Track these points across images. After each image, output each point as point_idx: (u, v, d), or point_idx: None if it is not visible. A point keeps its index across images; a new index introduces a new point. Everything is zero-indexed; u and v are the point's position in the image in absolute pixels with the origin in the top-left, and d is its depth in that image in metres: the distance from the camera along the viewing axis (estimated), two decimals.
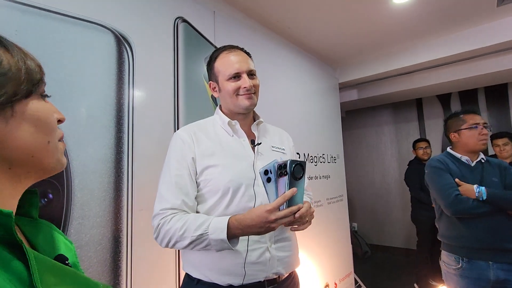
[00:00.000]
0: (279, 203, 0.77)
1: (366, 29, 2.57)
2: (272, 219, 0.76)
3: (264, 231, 0.79)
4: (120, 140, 1.25)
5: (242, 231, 0.80)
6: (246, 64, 0.98)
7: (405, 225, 4.11)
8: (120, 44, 1.29)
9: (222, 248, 0.81)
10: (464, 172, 1.52)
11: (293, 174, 0.78)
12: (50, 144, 0.42)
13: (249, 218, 0.78)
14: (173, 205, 0.86)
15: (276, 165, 0.78)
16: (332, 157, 2.93)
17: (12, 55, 0.39)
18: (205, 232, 0.80)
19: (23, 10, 1.01)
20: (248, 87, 0.95)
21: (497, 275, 1.38)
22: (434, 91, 3.87)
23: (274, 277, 0.92)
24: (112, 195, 1.20)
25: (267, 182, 0.80)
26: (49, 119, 0.42)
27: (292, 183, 0.78)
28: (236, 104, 0.97)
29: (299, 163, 0.79)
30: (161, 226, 0.85)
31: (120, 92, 1.27)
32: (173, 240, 0.83)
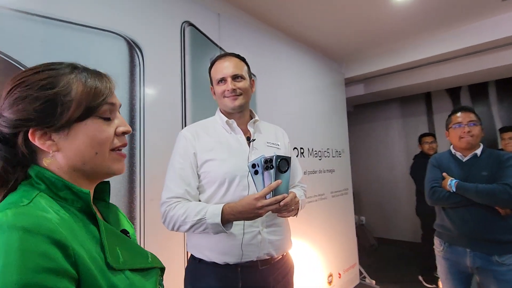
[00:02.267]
0: (266, 192, 0.88)
1: (372, 24, 2.59)
2: (259, 205, 0.88)
3: (253, 217, 0.91)
4: (132, 137, 1.38)
5: (234, 216, 0.91)
6: (231, 68, 1.09)
7: (412, 219, 4.13)
8: (131, 49, 1.41)
9: (217, 231, 0.93)
10: (453, 167, 1.64)
11: (278, 167, 0.89)
12: (97, 154, 0.53)
13: (240, 205, 0.90)
14: (177, 194, 0.99)
15: (262, 159, 0.89)
16: (337, 152, 3.00)
17: (82, 85, 0.51)
18: (203, 217, 0.92)
19: (47, 23, 1.15)
20: (230, 90, 1.07)
21: (474, 262, 1.50)
22: (443, 84, 3.85)
23: (267, 258, 1.03)
24: (127, 187, 1.34)
25: (254, 174, 0.92)
26: (97, 136, 0.52)
27: (278, 176, 0.89)
28: (224, 104, 1.11)
29: (284, 158, 0.91)
30: (167, 213, 0.98)
31: (132, 93, 1.40)
32: (177, 224, 0.96)
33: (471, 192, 1.49)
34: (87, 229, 0.49)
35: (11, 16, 1.07)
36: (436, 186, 1.63)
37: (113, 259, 0.48)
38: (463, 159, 1.64)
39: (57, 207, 0.47)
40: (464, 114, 1.64)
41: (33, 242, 0.38)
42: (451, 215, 1.60)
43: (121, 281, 0.47)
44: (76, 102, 0.50)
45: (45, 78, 0.49)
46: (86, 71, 0.54)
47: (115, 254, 0.50)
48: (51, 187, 0.49)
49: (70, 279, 0.40)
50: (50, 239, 0.40)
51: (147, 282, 0.54)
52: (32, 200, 0.45)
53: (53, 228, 0.41)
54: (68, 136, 0.50)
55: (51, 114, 0.48)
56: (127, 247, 0.54)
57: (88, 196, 0.51)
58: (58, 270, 0.39)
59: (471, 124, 1.59)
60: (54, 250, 0.40)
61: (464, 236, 1.54)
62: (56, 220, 0.43)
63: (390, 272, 3.43)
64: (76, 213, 0.50)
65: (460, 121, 1.63)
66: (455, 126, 1.65)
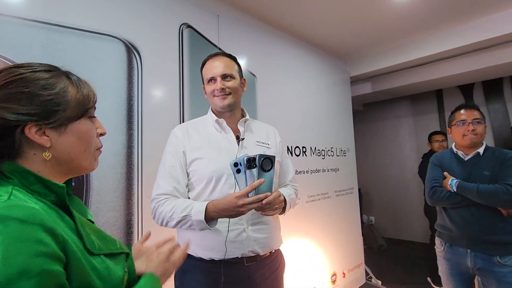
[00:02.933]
0: (247, 191, 0.89)
1: (377, 20, 2.54)
2: (240, 204, 0.89)
3: (235, 214, 0.93)
4: (131, 137, 1.44)
5: (217, 214, 0.93)
6: (220, 68, 1.11)
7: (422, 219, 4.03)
8: (129, 52, 1.46)
9: (202, 228, 0.95)
10: (454, 166, 1.60)
11: (261, 166, 0.90)
12: (85, 151, 0.59)
13: (222, 203, 0.92)
14: (166, 191, 1.02)
15: (245, 158, 0.90)
16: (342, 151, 2.97)
17: (76, 89, 0.57)
18: (188, 214, 0.95)
19: (47, 28, 1.21)
20: (219, 89, 1.09)
21: (475, 263, 1.46)
22: (455, 81, 3.73)
23: (252, 255, 1.05)
24: (124, 184, 1.40)
25: (236, 173, 0.93)
26: (87, 135, 0.59)
27: (261, 175, 0.90)
28: (213, 103, 1.13)
29: (268, 157, 0.91)
30: (156, 209, 1.02)
31: (130, 94, 1.45)
32: (165, 220, 1.00)
33: (472, 192, 1.46)
34: (63, 219, 0.53)
35: (12, 23, 1.14)
36: (437, 185, 1.60)
37: (91, 245, 0.53)
38: (465, 158, 1.59)
39: (33, 199, 0.50)
40: (469, 111, 1.60)
41: (29, 231, 0.43)
42: (452, 215, 1.57)
43: (99, 264, 0.53)
44: (73, 104, 0.56)
45: (45, 78, 0.54)
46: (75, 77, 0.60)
47: (92, 241, 0.54)
48: (22, 181, 0.52)
49: (60, 262, 0.46)
50: (43, 227, 0.45)
51: (117, 266, 0.58)
52: (11, 194, 0.48)
53: (44, 217, 0.46)
54: (64, 133, 0.55)
55: (52, 112, 0.53)
56: (98, 234, 0.59)
57: (63, 190, 0.55)
58: (52, 255, 0.44)
59: (475, 122, 1.55)
60: (47, 237, 0.44)
61: (465, 237, 1.51)
62: (42, 210, 0.48)
63: (398, 273, 3.37)
64: (50, 205, 0.53)
65: (464, 118, 1.58)
66: (458, 124, 1.60)
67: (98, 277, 0.51)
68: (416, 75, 3.50)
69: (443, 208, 1.62)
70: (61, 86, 0.55)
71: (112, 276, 0.55)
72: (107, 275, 0.53)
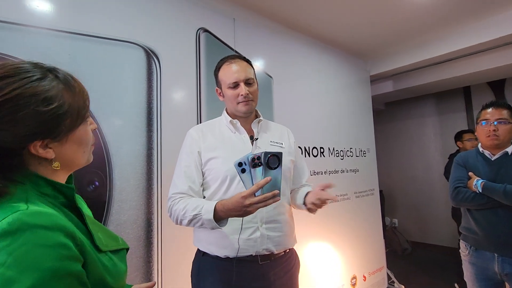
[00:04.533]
0: (253, 190, 0.86)
1: (396, 17, 2.47)
2: (246, 203, 0.87)
3: (242, 214, 0.91)
4: (150, 138, 1.50)
5: (226, 214, 0.93)
6: (243, 73, 1.11)
7: (449, 222, 3.84)
8: (149, 57, 1.53)
9: (212, 227, 0.95)
10: (480, 166, 1.53)
11: (267, 164, 0.87)
12: (84, 152, 0.62)
13: (230, 203, 0.91)
14: (181, 190, 1.06)
15: (250, 157, 0.87)
16: (362, 151, 2.91)
17: (69, 93, 0.56)
18: (199, 213, 0.96)
19: (73, 38, 1.30)
20: (245, 95, 1.09)
21: (502, 268, 1.38)
22: (484, 77, 3.53)
23: (266, 253, 1.06)
24: (145, 184, 1.46)
25: (241, 172, 0.90)
26: (86, 139, 0.61)
27: (267, 173, 0.87)
28: (236, 109, 1.14)
29: (274, 155, 0.88)
30: (171, 207, 1.05)
31: (150, 98, 1.51)
32: (179, 219, 1.02)
33: (498, 193, 1.39)
34: (72, 220, 0.56)
35: (41, 33, 1.23)
36: (461, 186, 1.54)
37: (100, 243, 0.56)
38: (491, 157, 1.52)
39: (45, 203, 0.53)
40: (495, 110, 1.52)
41: (54, 237, 0.47)
42: (477, 217, 1.50)
43: (107, 261, 0.56)
44: (72, 114, 0.56)
45: (41, 92, 0.52)
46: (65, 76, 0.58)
47: (99, 239, 0.57)
48: (33, 185, 0.54)
49: (80, 262, 0.50)
50: (64, 232, 0.48)
51: (121, 262, 0.61)
52: (28, 201, 0.50)
53: (64, 223, 0.49)
54: (66, 142, 0.57)
55: (54, 127, 0.53)
56: (103, 232, 0.62)
57: (72, 190, 0.57)
58: (74, 257, 0.48)
59: (497, 122, 1.47)
60: (68, 241, 0.48)
61: (491, 240, 1.44)
62: (60, 215, 0.51)
63: (423, 278, 3.24)
64: (60, 207, 0.56)
65: (488, 117, 1.52)
66: (482, 123, 1.54)
67: (108, 274, 0.55)
68: (441, 72, 3.35)
69: (467, 210, 1.56)
70: (58, 97, 0.53)
71: (118, 271, 0.58)
72: (115, 271, 0.57)
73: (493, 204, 1.42)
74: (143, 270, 1.42)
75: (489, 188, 1.42)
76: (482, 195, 1.44)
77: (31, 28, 1.21)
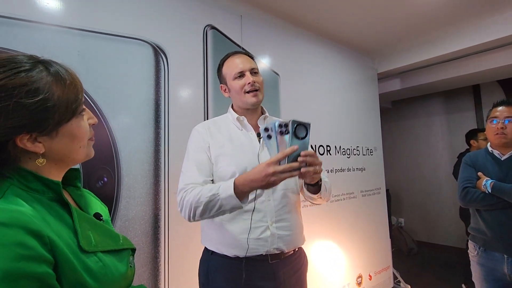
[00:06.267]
0: (278, 158, 0.81)
1: (404, 14, 2.44)
2: (270, 172, 0.80)
3: (266, 185, 0.84)
4: (158, 135, 1.51)
5: (247, 186, 0.86)
6: (248, 63, 1.11)
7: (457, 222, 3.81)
8: (157, 54, 1.53)
9: (232, 206, 0.89)
10: (489, 166, 1.51)
11: (295, 133, 0.81)
12: (81, 148, 0.59)
13: (252, 173, 0.86)
14: (194, 181, 1.01)
15: (277, 123, 0.82)
16: (368, 150, 2.89)
17: (60, 86, 0.53)
18: (216, 193, 0.90)
19: (83, 35, 1.31)
20: (252, 82, 1.08)
21: (511, 269, 1.35)
22: (494, 75, 3.46)
23: (277, 252, 1.05)
24: (152, 180, 1.47)
25: (267, 138, 0.84)
26: (80, 133, 0.58)
27: (294, 142, 0.81)
28: (244, 101, 1.11)
29: (302, 124, 0.82)
30: (183, 198, 0.99)
31: (158, 95, 1.52)
32: (193, 207, 0.94)
33: (508, 194, 1.37)
34: (60, 217, 0.53)
35: (51, 30, 1.24)
36: (470, 186, 1.52)
37: (86, 243, 0.53)
38: (501, 157, 1.50)
39: (29, 198, 0.50)
40: (505, 108, 1.50)
41: (10, 234, 0.43)
42: (486, 218, 1.48)
43: (94, 263, 0.52)
44: (61, 107, 0.53)
45: (26, 83, 0.49)
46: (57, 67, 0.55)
47: (88, 238, 0.54)
48: (21, 180, 0.52)
49: (47, 263, 0.45)
50: (25, 230, 0.44)
51: (120, 263, 0.58)
52: (3, 195, 0.48)
53: (28, 219, 0.45)
54: (56, 136, 0.54)
55: (41, 120, 0.51)
56: (99, 230, 0.58)
57: (59, 186, 0.54)
58: (36, 257, 0.44)
59: (507, 121, 1.45)
60: (30, 240, 0.44)
61: (501, 241, 1.42)
62: (30, 212, 0.47)
63: (430, 278, 3.22)
64: (48, 203, 0.53)
65: (497, 115, 1.50)
66: (491, 121, 1.52)
67: (91, 277, 0.50)
68: (450, 69, 3.30)
69: (476, 210, 1.54)
70: (45, 89, 0.51)
71: (109, 274, 0.54)
72: (102, 274, 0.52)
73: (503, 205, 1.40)
74: (150, 266, 1.43)
75: (499, 188, 1.40)
76: (492, 196, 1.42)
77: (41, 25, 1.22)
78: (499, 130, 1.45)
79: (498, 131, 1.46)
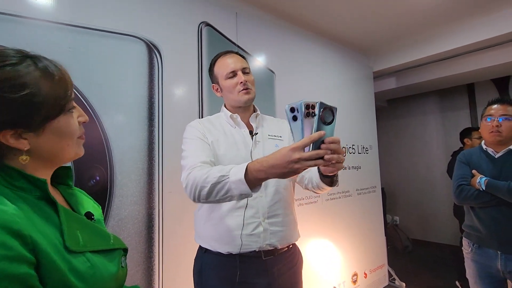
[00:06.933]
0: (305, 142, 0.72)
1: (400, 13, 2.44)
2: (295, 158, 0.72)
3: (287, 172, 0.75)
4: (152, 133, 1.49)
5: (264, 172, 0.77)
6: (239, 63, 1.11)
7: (451, 220, 3.84)
8: (150, 51, 1.51)
9: (241, 192, 0.80)
10: (483, 164, 1.52)
11: (321, 117, 0.74)
12: (69, 146, 0.57)
13: (273, 158, 0.76)
14: (202, 160, 0.96)
15: (303, 103, 0.74)
16: (364, 148, 2.90)
17: (47, 81, 0.52)
18: (226, 174, 0.81)
19: (74, 31, 1.28)
20: (244, 82, 1.09)
21: (506, 266, 1.38)
22: (488, 74, 3.49)
23: (270, 249, 1.05)
24: (146, 179, 1.45)
25: (293, 120, 0.76)
26: (68, 131, 0.56)
27: (320, 127, 0.74)
28: (236, 99, 1.11)
29: (329, 107, 0.76)
30: (189, 175, 0.91)
31: (151, 92, 1.50)
32: (198, 187, 0.86)
33: (502, 191, 1.37)
34: (46, 216, 0.51)
35: (42, 26, 1.22)
36: (464, 184, 1.53)
37: (72, 243, 0.51)
38: (495, 155, 1.51)
39: (14, 197, 0.49)
40: (500, 106, 1.51)
41: None
42: (480, 215, 1.49)
43: (81, 263, 0.50)
44: (48, 103, 0.51)
45: (12, 77, 0.48)
46: (46, 62, 0.53)
47: (75, 238, 0.52)
48: (6, 178, 0.50)
49: (29, 264, 0.44)
50: (6, 229, 0.42)
51: (110, 264, 0.56)
52: None
53: (9, 219, 0.44)
54: (43, 134, 0.52)
55: (26, 116, 0.49)
56: (88, 230, 0.57)
57: (45, 184, 0.52)
58: (16, 257, 0.42)
59: (502, 118, 1.45)
60: (11, 240, 0.42)
61: (495, 238, 1.43)
62: (12, 211, 0.45)
63: (424, 275, 3.24)
64: (35, 202, 0.51)
65: (492, 113, 1.50)
66: (487, 119, 1.52)
67: (78, 278, 0.49)
68: (445, 68, 3.32)
69: (471, 207, 1.55)
70: (32, 84, 0.49)
71: (97, 275, 0.52)
72: (89, 275, 0.51)
73: (497, 202, 1.41)
74: (144, 266, 1.41)
75: (493, 186, 1.41)
76: (486, 193, 1.43)
77: (31, 20, 1.19)
78: (494, 128, 1.45)
79: (493, 129, 1.46)
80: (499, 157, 1.49)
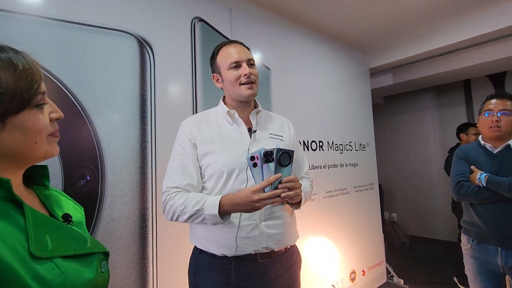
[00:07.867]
0: (263, 185, 0.85)
1: (396, 8, 2.42)
2: (255, 199, 0.85)
3: (250, 209, 0.89)
4: (144, 131, 1.45)
5: (232, 208, 0.90)
6: (245, 54, 1.06)
7: (448, 216, 3.84)
8: (142, 47, 1.47)
9: (215, 222, 0.92)
10: (482, 160, 1.50)
11: (279, 161, 0.86)
12: (37, 143, 0.52)
13: (238, 197, 0.89)
14: (178, 185, 0.99)
15: (262, 152, 0.86)
16: (361, 145, 2.88)
17: (10, 73, 0.48)
18: (201, 208, 0.91)
19: (61, 26, 1.24)
20: (248, 74, 1.03)
21: (506, 261, 1.36)
22: (485, 70, 3.50)
23: (266, 251, 1.01)
24: (138, 178, 1.41)
25: (253, 167, 0.88)
26: (34, 128, 0.51)
27: (278, 169, 0.86)
28: (238, 93, 1.05)
29: (286, 152, 0.87)
30: (166, 202, 0.98)
31: (143, 89, 1.46)
32: (176, 214, 0.96)
33: (503, 187, 1.35)
34: (10, 219, 0.47)
35: (28, 21, 1.17)
36: (463, 180, 1.51)
37: (38, 248, 0.46)
38: (493, 150, 1.49)
39: None
40: (499, 101, 1.48)
41: None
42: (480, 211, 1.47)
43: (47, 270, 0.46)
44: (9, 95, 0.47)
45: None
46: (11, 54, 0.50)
47: (42, 242, 0.48)
48: None
49: None
50: None
51: (86, 269, 0.52)
52: None
53: None
54: (4, 129, 0.48)
55: None
56: (61, 233, 0.52)
57: (8, 184, 0.48)
58: None
59: (501, 113, 1.43)
60: None
61: (494, 234, 1.41)
62: None
63: (422, 272, 3.23)
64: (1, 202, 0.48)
65: (491, 108, 1.48)
66: (485, 114, 1.50)
67: (42, 286, 0.45)
68: (441, 64, 3.31)
69: (469, 203, 1.53)
70: None
71: (67, 282, 0.48)
72: (58, 283, 0.46)
73: (497, 198, 1.39)
74: (138, 267, 1.38)
75: (494, 182, 1.39)
76: (486, 189, 1.41)
77: (17, 15, 1.15)
78: (494, 123, 1.43)
79: (492, 124, 1.44)
80: (498, 152, 1.47)
